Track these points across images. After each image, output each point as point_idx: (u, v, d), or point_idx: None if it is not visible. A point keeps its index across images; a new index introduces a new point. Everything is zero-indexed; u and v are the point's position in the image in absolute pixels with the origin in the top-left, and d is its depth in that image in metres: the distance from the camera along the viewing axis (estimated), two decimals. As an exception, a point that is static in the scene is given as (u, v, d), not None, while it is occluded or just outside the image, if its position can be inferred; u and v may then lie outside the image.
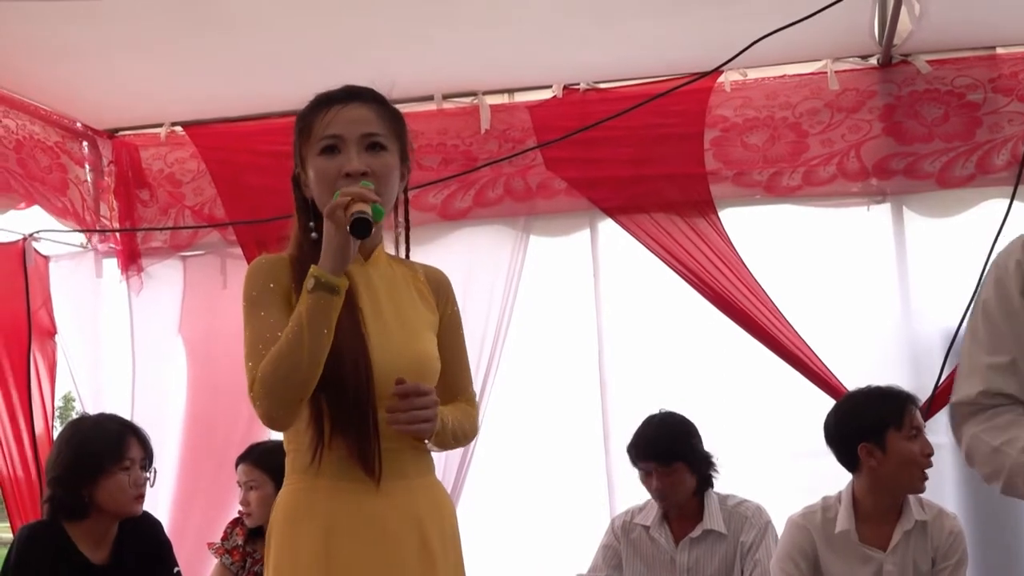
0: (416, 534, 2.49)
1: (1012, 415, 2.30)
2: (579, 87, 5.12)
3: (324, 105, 2.58)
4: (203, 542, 4.63)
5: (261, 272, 2.54)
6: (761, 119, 5.01)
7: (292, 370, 2.35)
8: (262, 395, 2.38)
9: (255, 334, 2.46)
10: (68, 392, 5.66)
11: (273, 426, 2.46)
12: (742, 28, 4.26)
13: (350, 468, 2.46)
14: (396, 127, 2.61)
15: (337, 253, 2.36)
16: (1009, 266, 2.34)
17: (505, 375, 4.99)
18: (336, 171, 2.50)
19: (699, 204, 4.96)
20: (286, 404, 2.39)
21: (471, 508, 4.80)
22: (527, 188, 5.14)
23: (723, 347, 4.91)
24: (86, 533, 3.61)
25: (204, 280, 5.43)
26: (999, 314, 2.34)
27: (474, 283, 4.95)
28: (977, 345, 2.38)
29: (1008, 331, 2.32)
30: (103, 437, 3.66)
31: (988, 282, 2.41)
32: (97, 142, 5.53)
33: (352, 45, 4.55)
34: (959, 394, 2.39)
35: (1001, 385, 2.32)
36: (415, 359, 2.56)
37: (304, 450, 2.49)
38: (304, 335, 2.34)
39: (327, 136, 2.53)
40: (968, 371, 2.39)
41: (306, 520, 2.47)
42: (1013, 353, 2.32)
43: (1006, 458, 2.25)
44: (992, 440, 2.28)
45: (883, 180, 4.90)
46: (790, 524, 3.95)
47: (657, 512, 4.31)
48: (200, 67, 4.79)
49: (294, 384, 2.36)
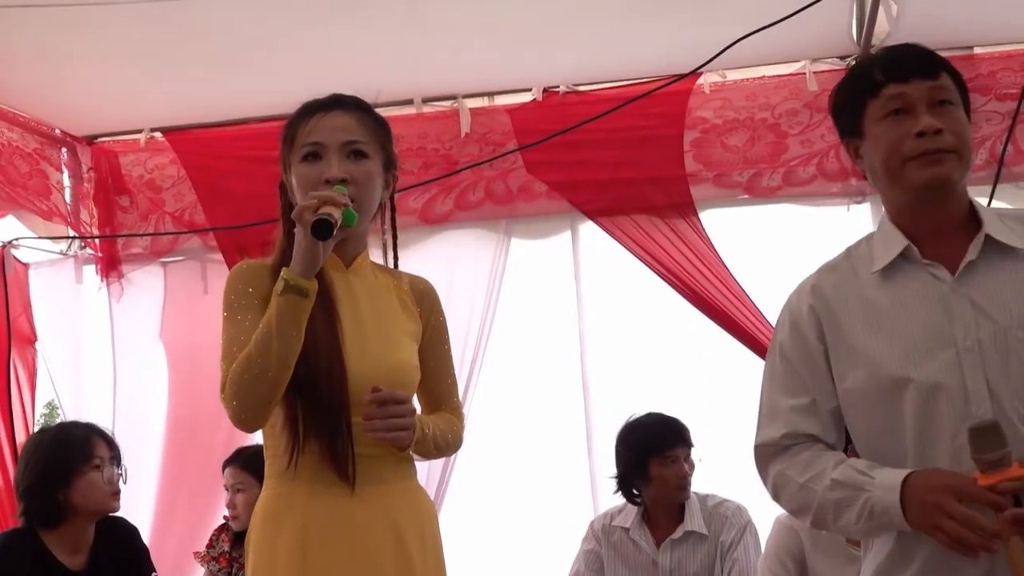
0: (393, 538, 2.50)
1: (813, 451, 2.34)
2: (559, 90, 5.12)
3: (308, 113, 2.60)
4: (186, 547, 4.63)
5: (242, 277, 2.56)
6: (741, 120, 5.03)
7: (261, 372, 2.37)
8: (231, 396, 2.41)
9: (230, 337, 2.48)
10: (52, 400, 5.64)
11: (242, 427, 2.47)
12: (721, 30, 4.27)
13: (325, 473, 2.47)
14: (380, 135, 2.63)
15: (306, 255, 2.38)
16: (803, 310, 2.39)
17: (487, 378, 4.99)
18: (316, 177, 2.52)
19: (679, 206, 4.97)
20: (254, 406, 2.41)
21: (455, 511, 4.80)
22: (508, 191, 5.14)
23: (705, 348, 4.93)
24: (62, 539, 3.60)
25: (185, 286, 5.42)
26: (796, 357, 2.39)
27: (456, 286, 4.95)
28: (776, 388, 2.43)
29: (807, 374, 2.37)
30: (69, 440, 3.67)
31: (783, 325, 2.45)
32: (76, 148, 5.51)
33: (332, 50, 4.54)
34: (762, 437, 2.43)
35: (803, 426, 2.36)
36: (392, 367, 2.57)
37: (280, 454, 2.51)
38: (273, 337, 2.36)
39: (309, 143, 2.56)
40: (770, 414, 2.43)
41: (283, 524, 2.49)
42: (812, 394, 2.37)
43: (813, 494, 2.29)
44: (798, 476, 2.32)
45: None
46: (777, 524, 3.95)
47: (636, 514, 4.31)
48: (179, 73, 4.77)
49: (263, 386, 2.38)
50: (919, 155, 2.25)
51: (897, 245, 2.32)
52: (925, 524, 2.11)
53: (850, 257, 2.44)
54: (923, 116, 2.26)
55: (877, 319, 2.30)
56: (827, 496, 2.26)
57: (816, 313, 2.37)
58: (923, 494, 2.12)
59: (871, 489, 2.19)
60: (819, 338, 2.36)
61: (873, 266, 2.35)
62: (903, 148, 2.27)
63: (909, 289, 2.29)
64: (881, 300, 2.31)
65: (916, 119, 2.27)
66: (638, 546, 4.28)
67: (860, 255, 2.42)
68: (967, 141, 2.30)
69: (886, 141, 2.30)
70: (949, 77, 2.34)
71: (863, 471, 2.23)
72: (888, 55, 2.39)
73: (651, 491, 4.26)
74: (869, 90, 2.33)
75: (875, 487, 2.19)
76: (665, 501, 4.27)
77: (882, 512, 2.17)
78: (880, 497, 2.17)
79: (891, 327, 2.28)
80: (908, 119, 2.27)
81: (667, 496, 4.25)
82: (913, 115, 2.27)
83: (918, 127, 2.25)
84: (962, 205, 2.35)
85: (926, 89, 2.29)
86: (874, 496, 2.18)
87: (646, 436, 4.27)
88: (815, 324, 2.37)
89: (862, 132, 2.36)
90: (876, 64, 2.36)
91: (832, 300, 2.36)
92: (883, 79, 2.32)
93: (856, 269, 2.39)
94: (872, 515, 2.18)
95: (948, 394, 2.19)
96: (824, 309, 2.36)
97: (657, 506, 4.29)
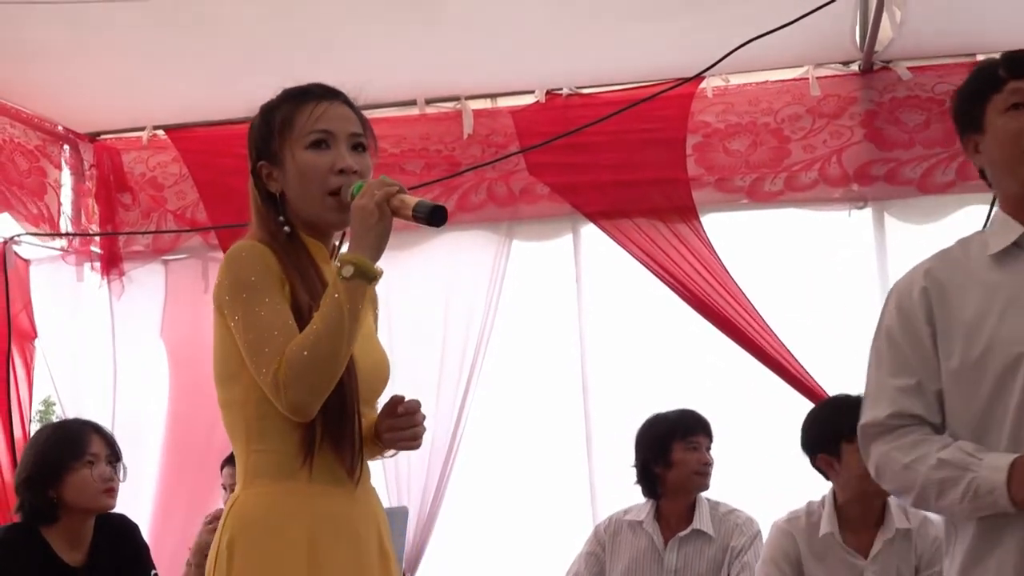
0: (376, 536, 2.49)
1: (919, 434, 2.41)
2: (562, 92, 5.12)
3: (306, 99, 2.55)
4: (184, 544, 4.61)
5: (256, 257, 2.44)
6: (743, 125, 5.03)
7: (332, 353, 2.28)
8: (292, 380, 2.27)
9: (264, 320, 2.34)
10: (48, 396, 5.64)
11: (300, 413, 2.32)
12: (724, 34, 4.27)
13: (333, 473, 2.43)
14: (368, 132, 2.62)
15: (378, 241, 2.34)
16: (913, 294, 2.47)
17: (488, 379, 4.99)
18: (328, 166, 2.46)
19: (681, 209, 4.97)
20: (321, 391, 2.30)
21: (454, 512, 4.80)
22: (510, 193, 5.14)
23: (705, 352, 4.92)
24: (61, 535, 3.59)
25: (186, 284, 5.42)
26: (904, 339, 2.47)
27: (457, 288, 4.95)
28: (883, 369, 2.51)
29: (913, 355, 2.45)
30: (63, 436, 3.67)
31: (890, 309, 2.53)
32: (78, 145, 5.51)
33: (336, 50, 4.54)
34: (868, 416, 2.51)
35: (908, 406, 2.44)
36: (380, 363, 2.57)
37: (293, 454, 2.41)
38: (345, 320, 2.27)
39: (318, 130, 2.50)
40: (876, 394, 2.51)
41: (288, 524, 2.41)
42: (919, 375, 2.44)
43: (917, 474, 2.36)
44: (902, 458, 2.40)
45: (864, 186, 4.92)
46: (774, 529, 3.95)
47: (649, 510, 4.30)
48: (182, 71, 4.78)
49: (331, 369, 2.29)
50: None
51: (1013, 233, 2.42)
52: None
53: (964, 244, 2.53)
54: None
55: (992, 298, 2.38)
56: (932, 475, 2.33)
57: (928, 295, 2.44)
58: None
59: (978, 469, 2.27)
60: (928, 320, 2.43)
61: (988, 250, 2.44)
62: (1023, 140, 2.36)
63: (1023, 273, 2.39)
64: (997, 281, 2.40)
65: None
66: (645, 537, 4.27)
67: (974, 242, 2.51)
68: None
69: (1006, 132, 2.40)
70: None
71: (971, 453, 2.31)
72: (1013, 54, 2.47)
73: (671, 477, 4.24)
74: (992, 85, 2.43)
75: (982, 467, 2.27)
76: (683, 490, 4.25)
77: (987, 492, 2.25)
78: (986, 477, 2.25)
79: (1005, 306, 2.36)
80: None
81: (686, 483, 4.24)
82: None
83: None
84: None
85: None
86: (980, 476, 2.26)
87: (671, 421, 4.28)
88: (925, 306, 2.44)
89: (983, 127, 2.45)
90: (1000, 62, 2.46)
91: (946, 282, 2.45)
92: (1006, 75, 2.42)
93: (969, 254, 2.49)
94: (977, 495, 2.26)
95: None
96: (937, 291, 2.44)
97: (674, 497, 4.27)
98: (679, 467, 4.23)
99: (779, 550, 3.87)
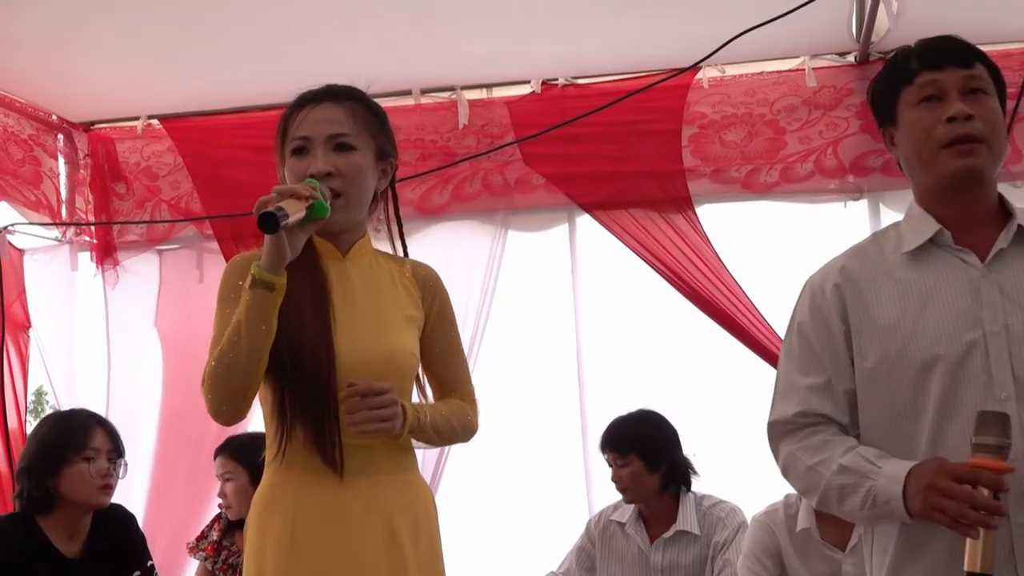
0: (383, 527, 2.50)
1: (825, 435, 2.38)
2: (557, 83, 5.12)
3: (299, 106, 2.62)
4: (179, 535, 4.64)
5: (234, 270, 2.57)
6: (739, 116, 5.02)
7: (232, 365, 2.39)
8: (207, 390, 2.44)
9: (216, 331, 2.50)
10: (40, 386, 5.63)
11: (219, 420, 2.49)
12: (720, 25, 4.27)
13: (313, 461, 2.48)
14: (372, 125, 2.63)
15: (270, 249, 2.38)
16: (826, 290, 2.43)
17: (483, 370, 4.96)
18: (302, 171, 2.54)
19: (677, 201, 4.97)
20: (228, 399, 2.43)
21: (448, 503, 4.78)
22: (505, 183, 5.14)
23: (701, 343, 4.92)
24: (57, 526, 3.59)
25: (180, 274, 5.41)
26: (815, 336, 2.42)
27: (452, 278, 4.84)
28: (793, 365, 2.46)
29: (824, 352, 2.41)
30: (67, 428, 3.67)
31: (803, 303, 2.49)
32: (72, 135, 5.50)
33: (331, 39, 4.54)
34: (776, 413, 2.47)
35: (817, 406, 2.40)
36: (384, 354, 2.57)
37: (271, 441, 2.54)
38: (242, 332, 2.37)
39: (296, 137, 2.58)
40: (785, 391, 2.47)
41: (274, 513, 2.51)
42: (828, 373, 2.40)
43: (820, 477, 2.33)
44: (807, 459, 2.36)
45: (860, 177, 4.91)
46: (754, 523, 3.95)
47: (633, 510, 4.31)
48: (177, 60, 4.77)
49: (234, 379, 2.40)
50: (951, 142, 2.29)
51: (928, 229, 2.36)
52: (924, 509, 2.13)
53: (878, 240, 2.48)
54: (955, 102, 2.30)
55: (908, 297, 2.34)
56: (833, 481, 2.30)
57: (841, 293, 2.41)
58: (920, 479, 2.15)
59: (876, 478, 2.23)
60: (841, 318, 2.39)
61: (903, 248, 2.39)
62: (935, 134, 2.31)
63: (939, 272, 2.34)
64: (911, 280, 2.35)
65: (948, 105, 2.31)
66: (632, 541, 4.28)
67: (888, 238, 2.46)
68: (999, 131, 2.34)
69: (919, 127, 2.34)
70: (984, 68, 2.38)
71: (871, 460, 2.26)
72: (924, 44, 2.42)
73: None
74: (904, 77, 2.39)
75: (880, 476, 2.22)
76: None
77: (884, 502, 2.20)
78: (884, 487, 2.21)
79: (920, 307, 2.31)
80: (940, 106, 2.32)
81: None
82: (946, 102, 2.31)
83: (949, 112, 2.29)
84: (992, 196, 2.40)
85: (960, 77, 2.33)
86: (878, 485, 2.22)
87: None
88: (839, 304, 2.40)
89: (896, 119, 2.41)
90: (912, 53, 2.41)
91: (860, 280, 2.40)
92: (918, 67, 2.37)
93: (884, 251, 2.43)
94: (875, 503, 2.22)
95: (974, 376, 2.24)
96: (851, 289, 2.40)
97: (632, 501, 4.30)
98: None
99: (759, 544, 3.86)
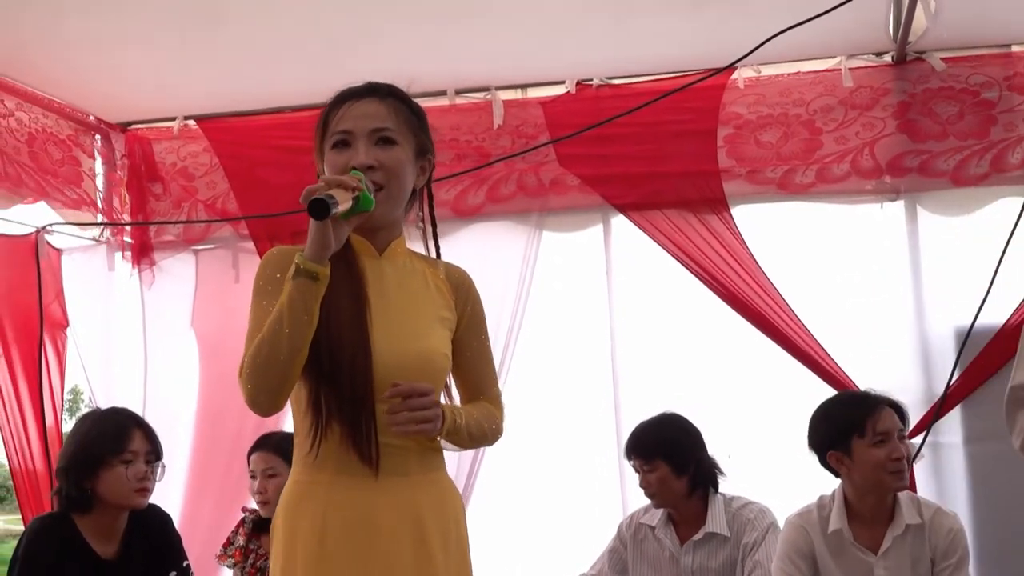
0: (413, 530, 2.50)
1: None
2: (592, 83, 5.12)
3: (340, 102, 2.62)
4: (214, 534, 4.65)
5: (271, 263, 2.57)
6: (775, 116, 5.00)
7: (272, 355, 2.38)
8: (246, 379, 2.43)
9: (253, 322, 2.50)
10: (76, 385, 5.66)
11: (257, 411, 2.48)
12: (756, 25, 4.24)
13: (347, 460, 2.48)
14: (412, 123, 2.63)
15: (315, 238, 2.38)
16: None
17: (518, 371, 4.97)
18: (344, 164, 2.53)
19: (712, 201, 4.95)
20: (267, 389, 2.43)
21: (483, 506, 4.79)
22: (540, 184, 5.14)
23: (735, 344, 4.90)
24: (94, 526, 3.60)
25: (216, 274, 5.44)
26: None
27: (487, 279, 4.84)
28: None
29: None
30: (106, 430, 3.67)
31: None
32: (110, 135, 5.54)
33: (366, 40, 4.54)
34: (1018, 379, 2.41)
35: None
36: (420, 354, 2.57)
37: (303, 439, 2.53)
38: (284, 321, 2.37)
39: (338, 132, 2.58)
40: None
41: (304, 512, 2.50)
42: None
43: None
44: None
45: (897, 178, 4.88)
46: (787, 524, 3.93)
47: (663, 513, 4.29)
48: (214, 61, 4.79)
49: (274, 370, 2.40)
50: None
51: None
52: None
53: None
54: None
55: None
56: None
57: None
58: None
59: None
60: None
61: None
62: None
63: None
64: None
65: None
66: (662, 543, 4.26)
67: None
68: None
69: None
70: None
71: None
72: None
73: None
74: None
75: None
76: None
77: None
78: None
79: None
80: None
81: None
82: None
83: None
84: None
85: None
86: None
87: None
88: None
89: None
90: None
91: None
92: None
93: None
94: None
95: None
96: None
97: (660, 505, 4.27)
98: None
99: (793, 545, 3.84)
